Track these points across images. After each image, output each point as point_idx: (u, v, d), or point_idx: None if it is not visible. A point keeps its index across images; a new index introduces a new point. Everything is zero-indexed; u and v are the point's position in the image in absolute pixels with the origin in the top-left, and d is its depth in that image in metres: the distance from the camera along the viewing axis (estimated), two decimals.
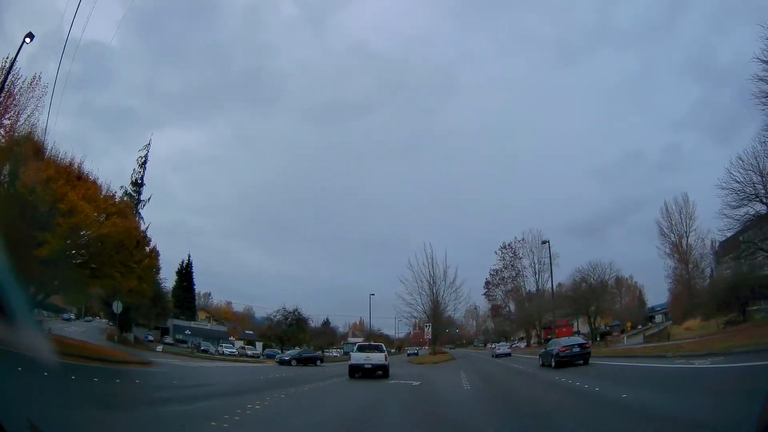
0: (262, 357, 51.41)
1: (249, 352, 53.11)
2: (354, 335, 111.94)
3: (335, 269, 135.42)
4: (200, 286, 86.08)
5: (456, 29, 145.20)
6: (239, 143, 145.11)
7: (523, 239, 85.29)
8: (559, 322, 74.29)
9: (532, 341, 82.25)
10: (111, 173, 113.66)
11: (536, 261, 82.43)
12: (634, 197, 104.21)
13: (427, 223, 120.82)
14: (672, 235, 60.59)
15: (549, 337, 74.22)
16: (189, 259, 74.40)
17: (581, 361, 23.71)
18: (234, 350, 54.60)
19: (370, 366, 23.70)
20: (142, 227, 49.11)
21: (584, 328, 66.01)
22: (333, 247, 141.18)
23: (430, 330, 42.75)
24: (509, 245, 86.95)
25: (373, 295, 71.06)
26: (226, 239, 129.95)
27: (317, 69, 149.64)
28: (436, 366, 37.91)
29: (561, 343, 26.25)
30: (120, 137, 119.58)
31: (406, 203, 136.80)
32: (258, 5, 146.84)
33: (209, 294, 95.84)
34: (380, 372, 23.80)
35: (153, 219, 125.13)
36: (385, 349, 26.50)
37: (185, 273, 73.88)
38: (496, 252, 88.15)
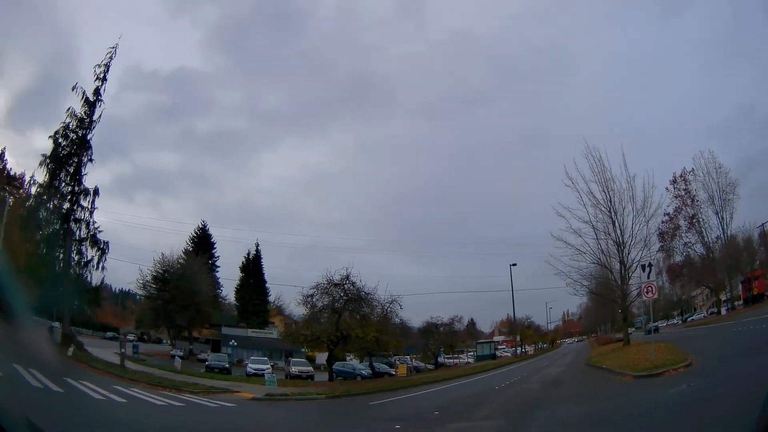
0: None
1: (295, 369, 32.42)
2: (500, 332, 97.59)
3: (477, 270, 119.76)
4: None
5: None
6: (362, 152, 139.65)
7: (693, 170, 58.49)
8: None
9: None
10: (229, 204, 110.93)
11: (717, 192, 56.06)
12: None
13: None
14: None
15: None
16: (257, 250, 58.21)
17: None
18: (266, 368, 32.53)
19: None
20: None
21: None
22: (471, 247, 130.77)
23: (650, 275, 18.07)
24: (681, 177, 59.07)
25: (514, 264, 54.71)
26: (368, 253, 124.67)
27: (424, 63, 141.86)
28: None
29: None
30: (229, 161, 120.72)
31: (540, 196, 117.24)
32: (349, 6, 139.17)
33: None
34: None
35: (283, 239, 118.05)
36: None
37: (251, 268, 57.13)
38: (666, 188, 60.29)
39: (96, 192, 35.01)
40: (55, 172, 32.83)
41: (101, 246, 35.11)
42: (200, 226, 56.89)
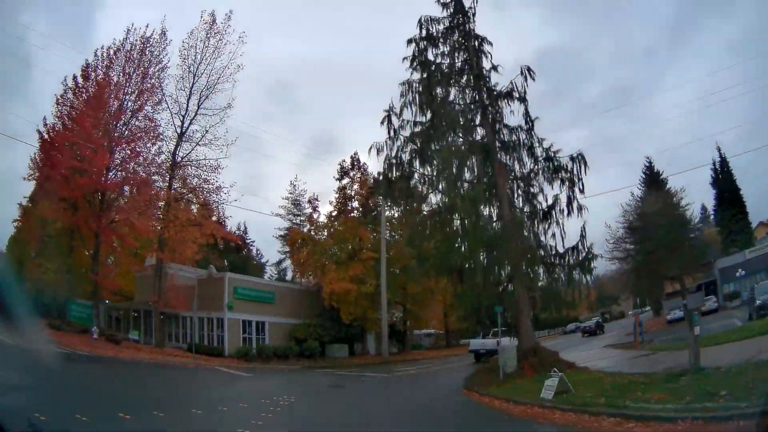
0: None
1: None
2: None
3: None
4: None
5: None
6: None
7: None
8: None
9: None
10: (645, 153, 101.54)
11: None
12: None
13: None
14: None
15: None
16: (720, 155, 47.71)
17: None
18: None
19: None
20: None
21: None
22: None
23: None
24: None
25: None
26: None
27: None
28: None
29: None
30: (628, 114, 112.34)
31: None
32: None
33: None
34: None
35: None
36: None
37: (722, 179, 47.27)
38: None
39: (526, 82, 19.14)
40: (432, 96, 19.67)
41: (569, 170, 18.32)
42: (646, 165, 48.21)
